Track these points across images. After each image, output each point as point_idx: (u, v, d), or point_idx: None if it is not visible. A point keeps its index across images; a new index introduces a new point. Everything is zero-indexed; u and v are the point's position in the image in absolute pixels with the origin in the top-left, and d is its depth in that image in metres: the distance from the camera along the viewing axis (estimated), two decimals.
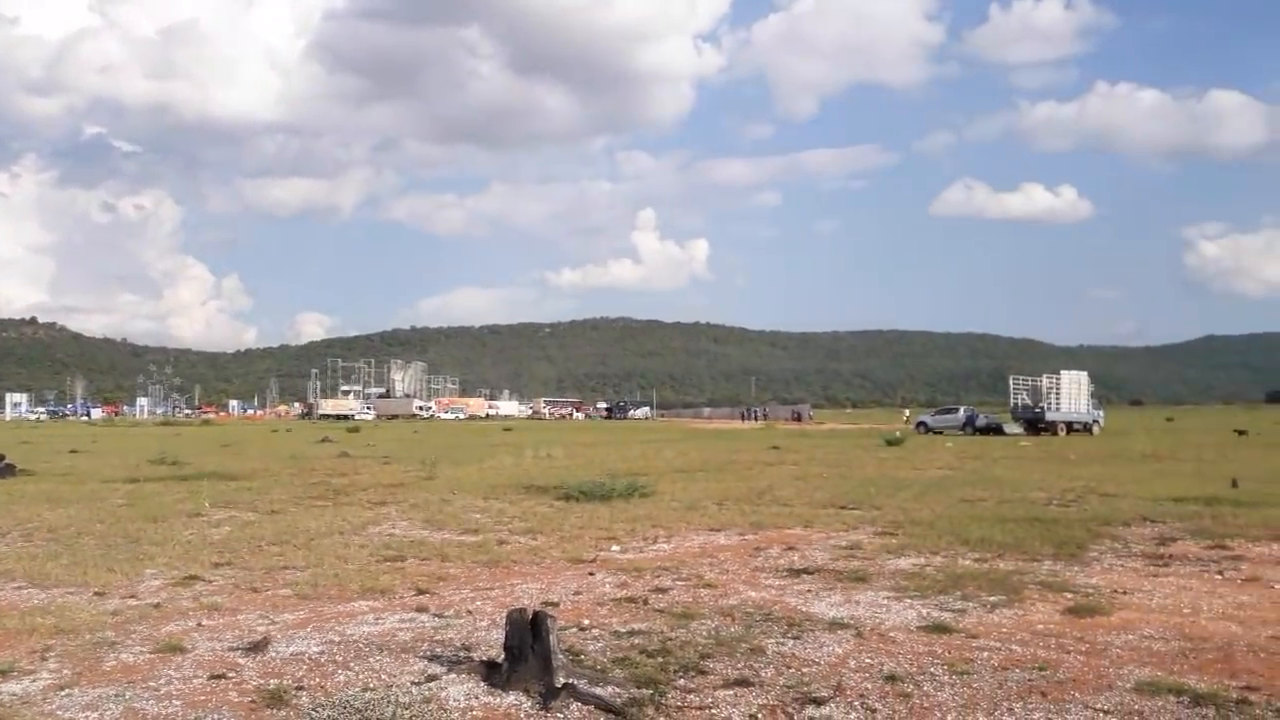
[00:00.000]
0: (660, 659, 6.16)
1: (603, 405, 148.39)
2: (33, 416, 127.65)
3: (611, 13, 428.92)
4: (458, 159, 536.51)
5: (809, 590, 8.47)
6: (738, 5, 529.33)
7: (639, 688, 5.55)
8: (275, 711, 5.23)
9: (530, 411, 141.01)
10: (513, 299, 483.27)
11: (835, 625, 7.11)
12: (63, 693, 5.57)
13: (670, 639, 6.68)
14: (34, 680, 5.82)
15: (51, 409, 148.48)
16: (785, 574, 9.26)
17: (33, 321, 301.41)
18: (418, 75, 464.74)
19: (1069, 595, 8.15)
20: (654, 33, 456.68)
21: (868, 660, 6.16)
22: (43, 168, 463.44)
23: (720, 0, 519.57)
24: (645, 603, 7.92)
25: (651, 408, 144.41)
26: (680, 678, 5.77)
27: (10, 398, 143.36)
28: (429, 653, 6.37)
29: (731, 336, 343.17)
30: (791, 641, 6.64)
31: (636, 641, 6.62)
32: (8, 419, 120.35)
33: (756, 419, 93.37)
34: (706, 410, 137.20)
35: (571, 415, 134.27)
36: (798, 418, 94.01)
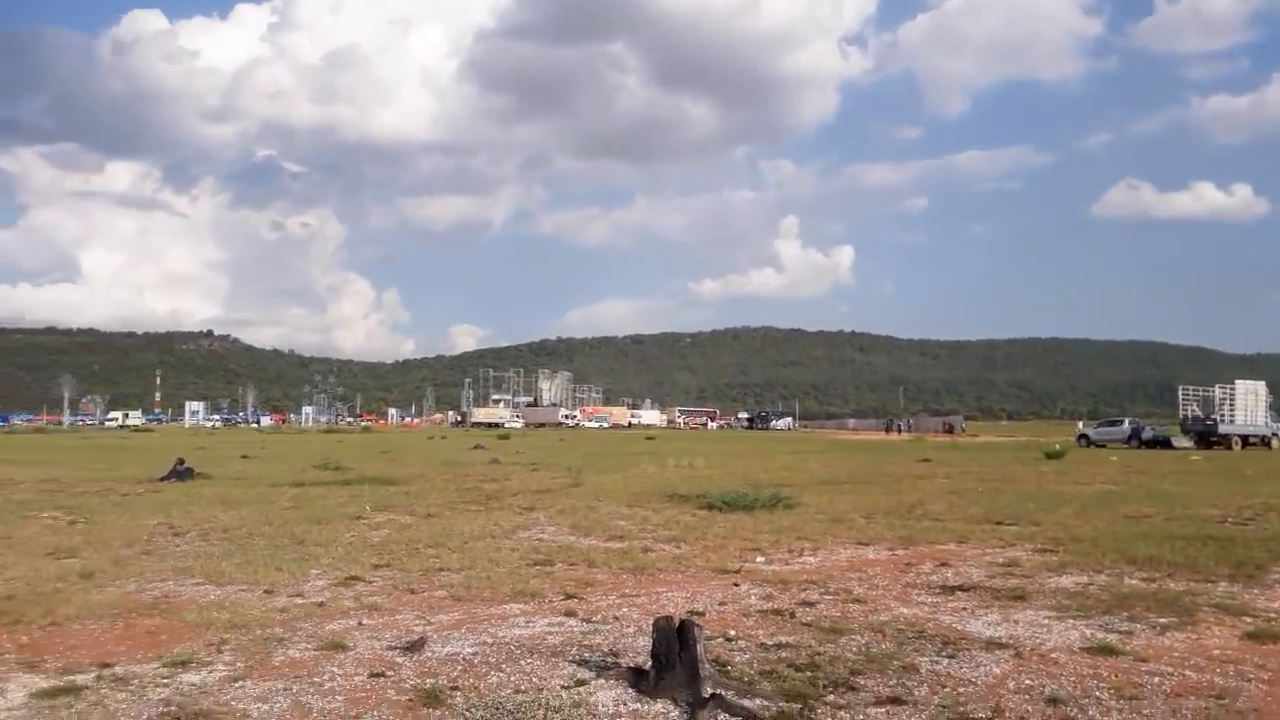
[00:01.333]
0: (809, 673, 6.07)
1: (744, 415, 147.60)
2: (209, 424, 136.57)
3: (756, 21, 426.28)
4: (602, 173, 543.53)
5: (964, 608, 8.19)
6: (885, 6, 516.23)
7: (788, 701, 5.48)
8: (431, 711, 5.40)
9: (666, 421, 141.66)
10: (655, 309, 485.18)
11: (992, 644, 6.84)
12: (236, 684, 5.90)
13: (819, 653, 6.57)
14: (210, 671, 6.19)
15: (225, 417, 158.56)
16: (938, 590, 8.98)
17: (209, 334, 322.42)
18: (565, 92, 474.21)
19: (1248, 619, 7.60)
20: (799, 38, 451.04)
21: (1028, 682, 5.90)
22: (219, 190, 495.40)
23: (866, 2, 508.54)
24: (792, 616, 7.82)
25: (794, 418, 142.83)
26: (830, 693, 5.67)
27: (189, 406, 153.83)
28: (577, 657, 6.47)
29: (878, 345, 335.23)
30: (946, 660, 6.43)
31: (784, 655, 6.54)
32: (186, 426, 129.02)
33: (902, 431, 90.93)
34: (851, 422, 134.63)
35: (706, 425, 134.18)
36: (949, 429, 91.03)
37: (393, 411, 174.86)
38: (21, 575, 9.56)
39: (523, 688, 5.77)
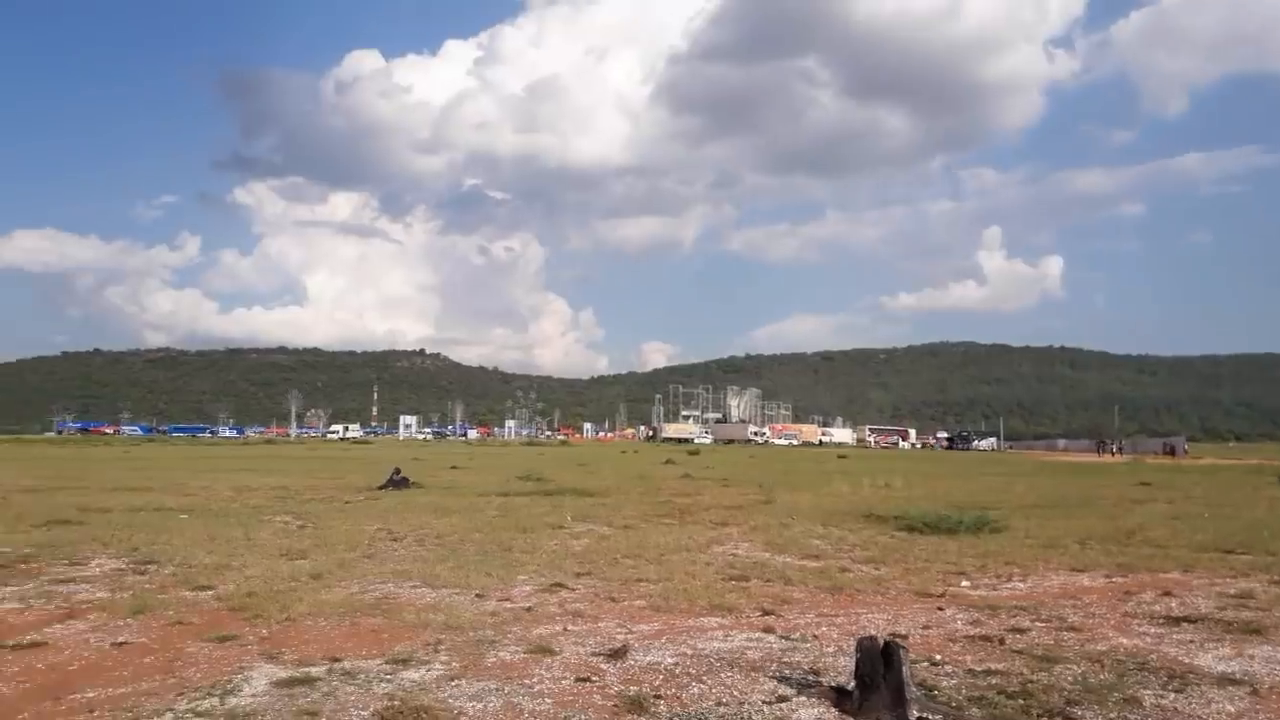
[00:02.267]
0: (1021, 701, 5.81)
1: (943, 435, 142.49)
2: (420, 437, 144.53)
3: (955, 27, 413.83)
4: (792, 188, 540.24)
5: (1191, 640, 7.61)
6: (1094, 6, 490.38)
7: None
8: (636, 718, 5.51)
9: (856, 439, 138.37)
10: (847, 325, 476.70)
11: (1225, 680, 6.34)
12: (452, 683, 6.22)
13: (1032, 682, 6.27)
14: (429, 670, 6.55)
15: (436, 430, 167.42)
16: (1162, 621, 8.38)
17: (421, 353, 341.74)
18: (755, 109, 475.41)
19: None
20: (1001, 42, 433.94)
21: None
22: (430, 217, 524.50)
23: (1073, 3, 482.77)
24: (1001, 642, 7.50)
25: (998, 438, 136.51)
26: None
27: (403, 420, 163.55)
28: (778, 673, 6.44)
29: (1090, 361, 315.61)
30: (1172, 694, 6.01)
31: (994, 681, 6.28)
32: (400, 438, 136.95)
33: (1116, 453, 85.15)
34: (1061, 442, 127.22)
35: (897, 444, 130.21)
36: (1170, 451, 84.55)
37: (588, 426, 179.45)
38: (259, 574, 10.42)
39: (724, 700, 5.80)
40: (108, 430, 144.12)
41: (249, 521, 15.88)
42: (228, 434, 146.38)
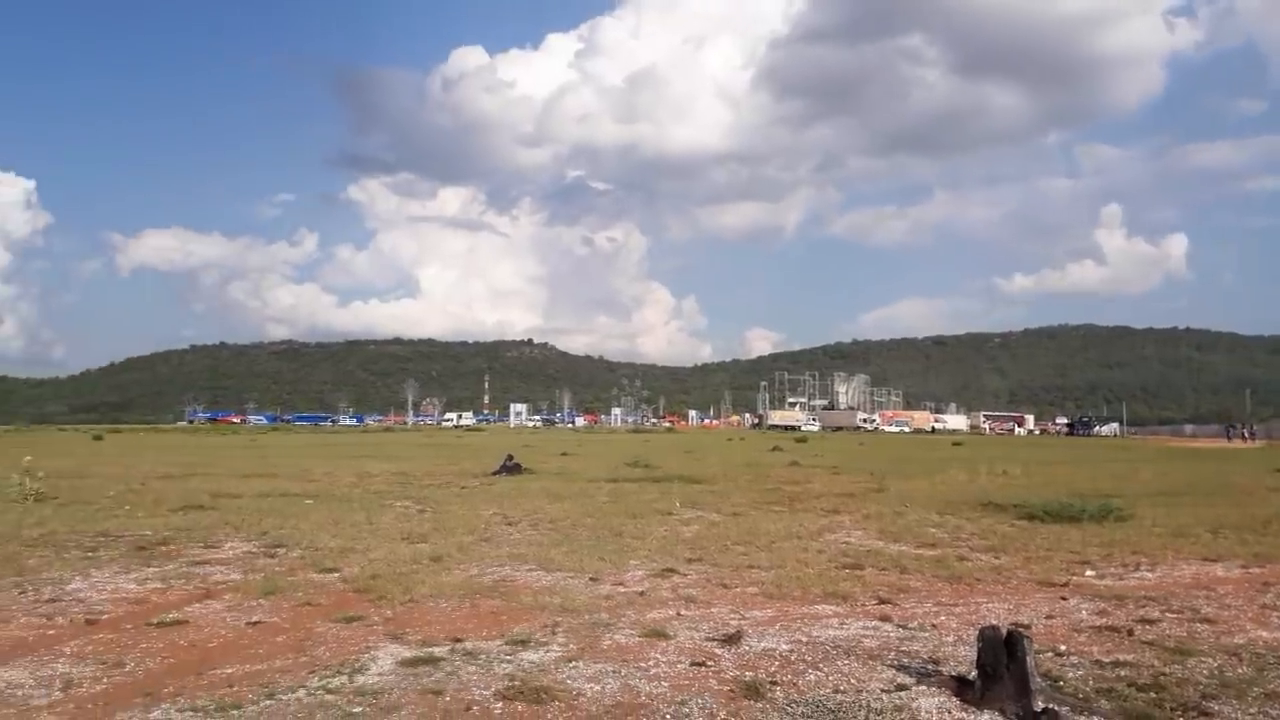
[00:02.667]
0: (1153, 694, 5.60)
1: (1062, 421, 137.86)
2: (530, 424, 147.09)
3: (1068, 0, 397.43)
4: (898, 170, 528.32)
5: None
6: None
7: None
8: (753, 703, 5.51)
9: (969, 426, 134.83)
10: (959, 309, 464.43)
11: None
12: (570, 664, 6.33)
13: (1164, 674, 6.04)
14: (547, 651, 6.68)
15: (545, 417, 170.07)
16: None
17: (529, 342, 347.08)
18: (859, 90, 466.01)
19: None
20: (1117, 14, 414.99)
21: None
22: (535, 210, 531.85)
23: None
24: (1130, 633, 7.24)
25: (1120, 424, 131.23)
26: (1179, 717, 5.21)
27: (513, 407, 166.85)
28: (896, 662, 6.35)
29: (1219, 343, 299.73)
30: None
31: (1123, 674, 6.07)
32: (511, 426, 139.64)
33: (1247, 438, 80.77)
34: (1189, 428, 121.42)
35: (1012, 430, 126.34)
36: None
37: (693, 413, 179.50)
38: (383, 557, 10.78)
39: (841, 688, 5.75)
40: (235, 419, 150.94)
41: (371, 506, 16.44)
42: (348, 422, 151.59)
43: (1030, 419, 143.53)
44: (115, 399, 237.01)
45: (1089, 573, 10.09)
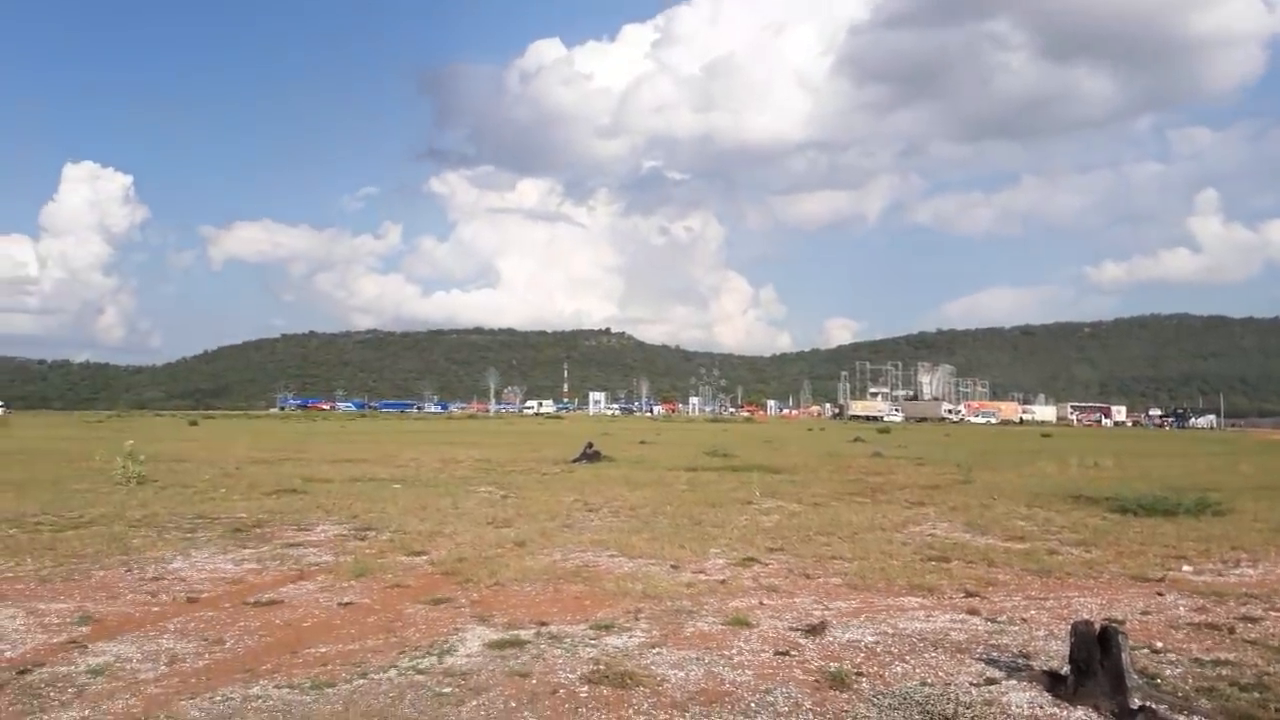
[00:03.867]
0: (1257, 694, 5.41)
1: (1156, 412, 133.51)
2: (609, 412, 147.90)
3: None
4: (984, 156, 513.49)
5: None
6: None
7: None
8: (838, 693, 5.48)
9: (1057, 417, 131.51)
10: (1047, 297, 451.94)
11: None
12: (654, 650, 6.37)
13: (1268, 674, 5.83)
14: (631, 636, 6.73)
15: (623, 405, 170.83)
16: None
17: (607, 331, 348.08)
18: (943, 76, 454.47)
19: None
20: None
21: None
22: (612, 200, 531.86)
23: None
24: (1231, 631, 6.99)
25: (1218, 416, 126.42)
26: None
27: (592, 396, 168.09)
28: (985, 656, 6.24)
29: None
30: None
31: (1224, 672, 5.87)
32: (590, 414, 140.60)
33: None
34: None
35: (1099, 422, 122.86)
36: None
37: (771, 403, 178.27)
38: (469, 541, 10.99)
39: (929, 681, 5.68)
40: (324, 406, 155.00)
41: (456, 491, 16.74)
42: (432, 409, 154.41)
43: (1121, 410, 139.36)
44: (209, 386, 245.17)
45: (1186, 568, 9.77)
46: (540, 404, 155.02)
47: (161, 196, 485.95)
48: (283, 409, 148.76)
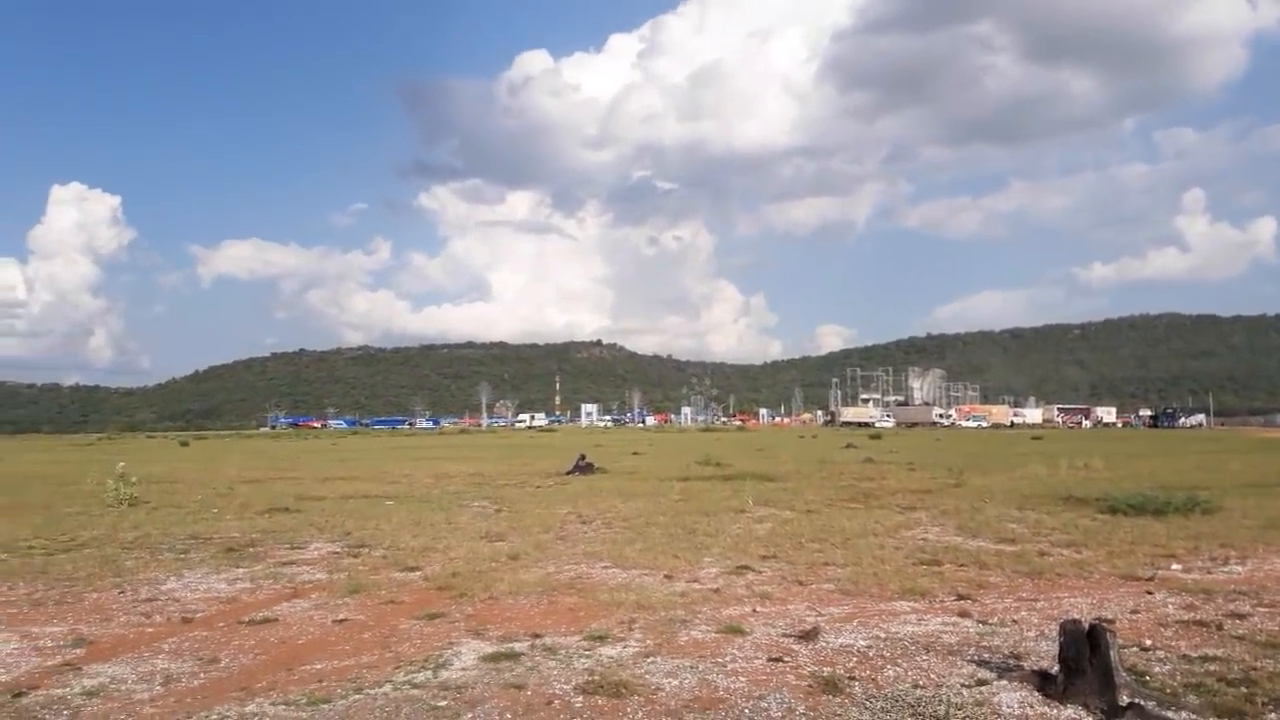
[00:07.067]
0: (1244, 689, 5.47)
1: (1146, 412, 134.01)
2: (601, 424, 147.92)
3: None
4: (971, 159, 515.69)
5: None
6: None
7: (1219, 718, 5.00)
8: (831, 698, 5.52)
9: (1043, 419, 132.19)
10: (1037, 300, 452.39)
11: None
12: (648, 660, 6.40)
13: (1255, 669, 5.89)
14: (625, 646, 6.77)
15: (615, 417, 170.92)
16: None
17: (598, 343, 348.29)
18: (928, 80, 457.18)
19: None
20: None
21: None
22: (601, 211, 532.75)
23: None
24: (1219, 628, 7.06)
25: (1207, 415, 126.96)
26: (1271, 712, 5.09)
27: (584, 408, 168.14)
28: (976, 657, 6.30)
29: None
30: None
31: (1212, 668, 5.94)
32: (582, 426, 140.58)
33: None
34: None
35: (1081, 423, 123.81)
36: None
37: (763, 411, 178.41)
38: (462, 555, 11.01)
39: (921, 683, 5.73)
40: (316, 424, 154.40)
41: (449, 506, 16.75)
42: (424, 425, 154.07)
43: (1108, 412, 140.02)
44: (201, 406, 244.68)
45: (1175, 567, 9.85)
46: (532, 417, 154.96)
47: (150, 217, 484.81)
48: (274, 428, 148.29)
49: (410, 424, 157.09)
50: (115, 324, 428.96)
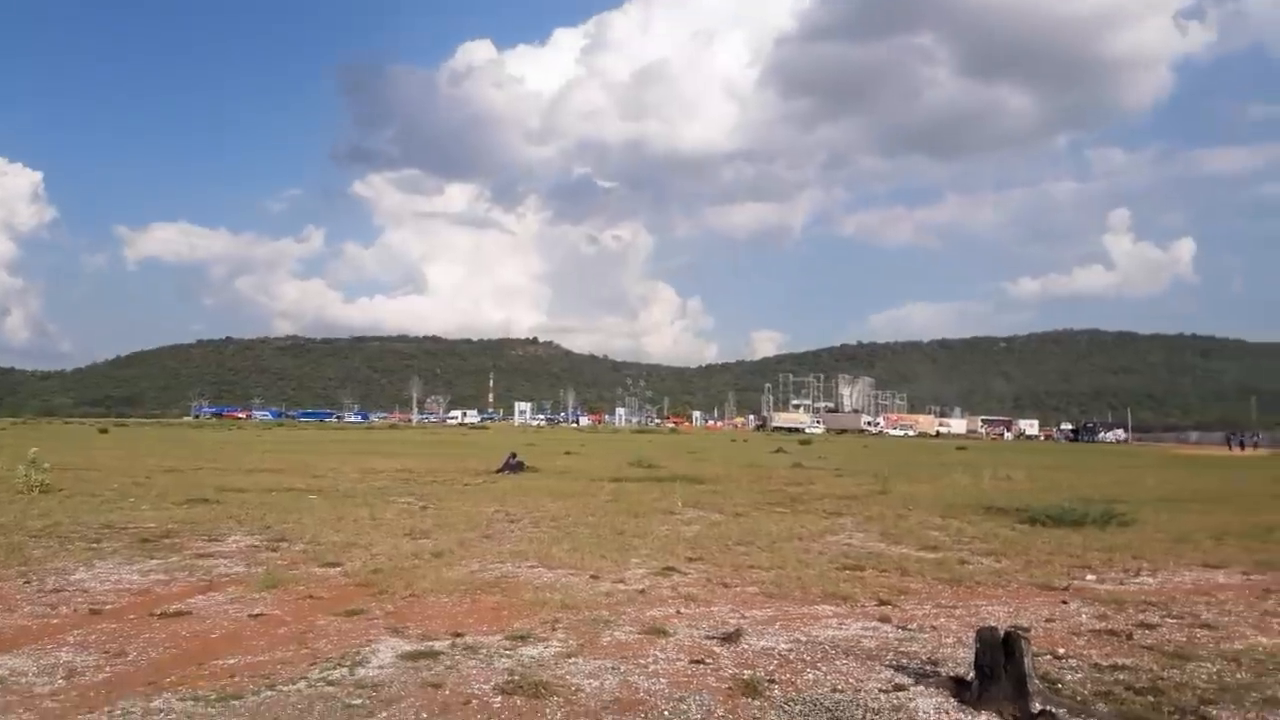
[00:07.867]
0: (1151, 698, 5.61)
1: (1067, 426, 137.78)
2: (534, 422, 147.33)
3: (1080, 1, 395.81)
4: (907, 170, 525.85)
5: None
6: None
7: None
8: (750, 700, 5.54)
9: (967, 430, 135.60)
10: (966, 312, 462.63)
11: None
12: (569, 660, 6.36)
13: (1162, 678, 6.05)
14: (547, 647, 6.71)
15: (549, 416, 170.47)
16: None
17: (534, 341, 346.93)
18: (868, 89, 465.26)
19: None
20: (1129, 15, 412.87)
21: None
22: (541, 207, 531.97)
23: None
24: (1129, 638, 7.25)
25: (1125, 430, 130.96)
26: None
27: (517, 406, 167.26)
28: (894, 663, 6.37)
29: (1225, 349, 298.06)
30: None
31: (1121, 677, 6.08)
32: (515, 424, 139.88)
33: (1246, 446, 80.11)
34: (1194, 435, 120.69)
35: (1003, 435, 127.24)
36: None
37: (697, 414, 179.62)
38: (385, 552, 10.83)
39: (839, 687, 5.77)
40: (240, 415, 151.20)
41: (374, 502, 16.48)
42: (353, 419, 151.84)
43: (1030, 424, 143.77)
44: (122, 392, 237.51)
45: (1089, 577, 10.10)
46: (464, 414, 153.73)
47: (74, 195, 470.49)
48: (197, 417, 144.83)
49: (338, 418, 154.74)
50: (34, 304, 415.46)
